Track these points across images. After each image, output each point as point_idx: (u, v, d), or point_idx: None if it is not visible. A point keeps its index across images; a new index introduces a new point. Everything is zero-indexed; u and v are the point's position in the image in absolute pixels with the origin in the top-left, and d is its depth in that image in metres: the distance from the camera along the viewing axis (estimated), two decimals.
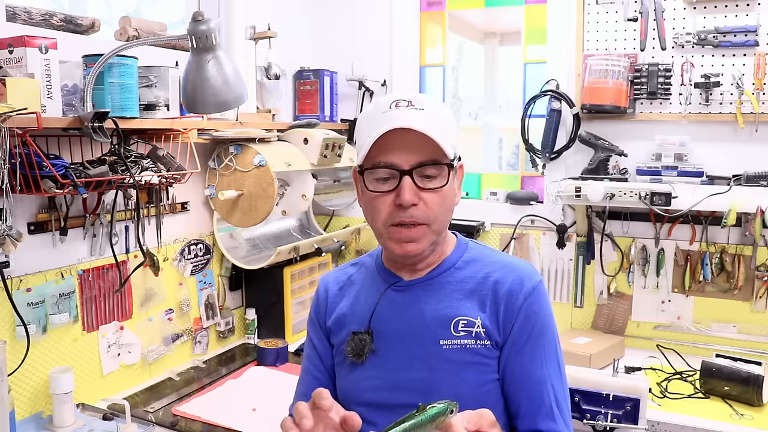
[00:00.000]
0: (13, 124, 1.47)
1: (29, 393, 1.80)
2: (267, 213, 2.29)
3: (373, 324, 1.22)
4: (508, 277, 1.19)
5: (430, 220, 1.15)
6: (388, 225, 1.15)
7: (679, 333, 2.41)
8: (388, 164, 1.12)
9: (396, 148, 1.12)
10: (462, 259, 1.24)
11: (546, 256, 2.59)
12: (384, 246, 1.22)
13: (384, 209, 1.15)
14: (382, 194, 1.14)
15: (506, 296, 1.17)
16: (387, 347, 1.21)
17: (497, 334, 1.17)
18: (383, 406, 1.19)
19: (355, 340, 1.22)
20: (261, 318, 2.57)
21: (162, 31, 2.18)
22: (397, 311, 1.22)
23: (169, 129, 1.99)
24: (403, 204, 1.11)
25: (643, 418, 1.71)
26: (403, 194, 1.11)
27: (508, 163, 3.10)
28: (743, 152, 2.26)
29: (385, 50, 2.86)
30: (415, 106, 1.13)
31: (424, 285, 1.22)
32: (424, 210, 1.13)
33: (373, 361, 1.21)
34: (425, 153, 1.12)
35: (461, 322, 1.17)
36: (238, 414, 1.89)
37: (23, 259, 1.74)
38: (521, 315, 1.16)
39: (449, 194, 1.17)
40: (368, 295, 1.27)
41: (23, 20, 1.78)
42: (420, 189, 1.13)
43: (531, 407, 1.16)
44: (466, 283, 1.21)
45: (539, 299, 1.19)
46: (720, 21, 2.24)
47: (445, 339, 1.17)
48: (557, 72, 2.51)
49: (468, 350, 1.16)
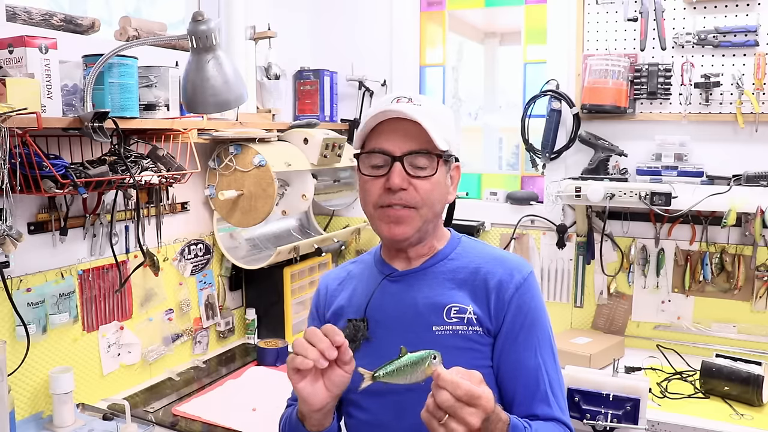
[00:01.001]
0: (13, 124, 1.47)
1: (29, 393, 1.80)
2: (267, 213, 2.29)
3: (369, 313, 1.26)
4: (498, 269, 1.23)
5: (418, 205, 1.19)
6: (378, 207, 1.21)
7: (679, 333, 2.41)
8: (381, 150, 1.19)
9: (390, 135, 1.19)
10: (455, 251, 1.30)
11: (546, 256, 2.59)
12: (374, 228, 1.26)
13: (375, 192, 1.21)
14: (374, 178, 1.21)
15: (497, 287, 1.21)
16: (381, 335, 1.25)
17: (489, 322, 1.21)
18: (378, 392, 1.20)
19: (349, 327, 1.26)
20: (261, 318, 2.57)
21: (162, 31, 2.18)
22: (392, 300, 1.26)
23: (169, 129, 1.99)
24: (392, 187, 1.17)
25: (643, 418, 1.71)
26: (392, 178, 1.17)
27: (508, 163, 3.10)
28: (743, 152, 2.26)
29: (385, 50, 2.86)
30: (415, 102, 1.20)
31: (417, 275, 1.27)
32: (413, 194, 1.19)
33: (368, 349, 1.24)
34: (417, 142, 1.18)
35: (453, 309, 1.21)
36: (238, 414, 1.89)
37: (23, 259, 1.74)
38: (513, 306, 1.20)
39: (439, 185, 1.22)
40: (365, 286, 1.31)
41: (23, 20, 1.78)
42: (410, 176, 1.18)
43: (526, 394, 1.19)
44: (458, 273, 1.25)
45: (530, 290, 1.22)
46: (720, 21, 2.24)
47: (437, 325, 1.21)
48: (557, 72, 2.51)
49: (460, 336, 1.19)
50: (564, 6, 2.48)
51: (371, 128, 1.21)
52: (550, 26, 2.54)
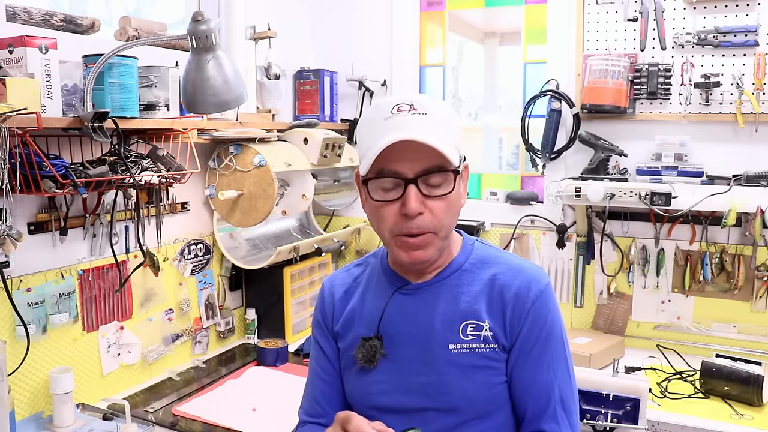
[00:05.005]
0: (13, 124, 1.47)
1: (29, 393, 1.80)
2: (267, 213, 2.29)
3: (382, 328, 1.21)
4: (515, 280, 1.18)
5: (436, 229, 1.13)
6: (395, 234, 1.14)
7: (679, 333, 2.41)
8: (393, 172, 1.10)
9: (400, 156, 1.09)
10: (469, 260, 1.23)
11: (546, 256, 2.59)
12: (391, 253, 1.21)
13: (390, 218, 1.13)
14: (388, 203, 1.12)
15: (513, 300, 1.17)
16: (396, 351, 1.20)
17: (504, 338, 1.17)
18: (394, 409, 1.19)
19: (366, 347, 1.21)
20: (261, 318, 2.57)
21: (162, 31, 2.18)
22: (406, 315, 1.21)
23: (169, 129, 1.99)
24: (409, 214, 1.10)
25: (643, 418, 1.71)
26: (408, 204, 1.09)
27: (508, 163, 3.10)
28: (743, 152, 2.26)
29: (385, 50, 2.86)
30: (418, 110, 1.10)
31: (432, 288, 1.21)
32: (431, 219, 1.12)
33: (383, 365, 1.21)
34: (430, 160, 1.09)
35: (470, 326, 1.17)
36: (238, 414, 1.89)
37: (23, 259, 1.74)
38: (529, 319, 1.16)
39: (455, 200, 1.15)
40: (375, 297, 1.26)
41: (23, 20, 1.78)
42: (425, 197, 1.11)
43: (536, 410, 1.16)
44: (473, 285, 1.20)
45: (547, 303, 1.18)
46: (720, 21, 2.24)
47: (453, 343, 1.16)
48: (557, 72, 2.51)
49: (476, 354, 1.16)
50: (564, 6, 2.48)
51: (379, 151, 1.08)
52: (550, 26, 2.54)
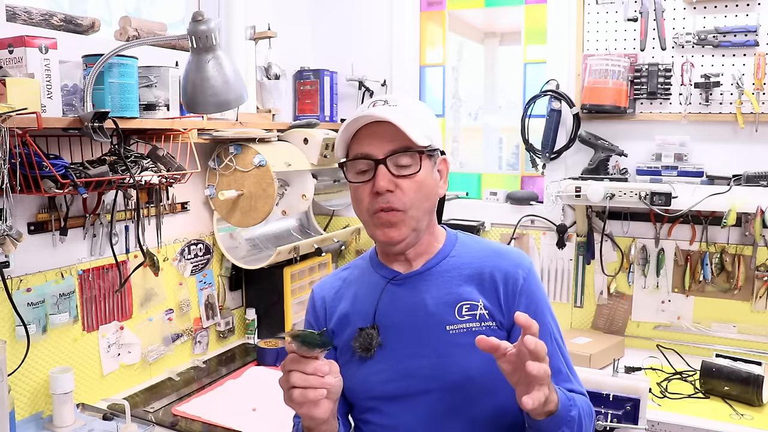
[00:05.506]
0: (13, 124, 1.47)
1: (29, 393, 1.80)
2: (267, 213, 2.29)
3: (378, 319, 1.25)
4: (502, 262, 1.26)
5: (406, 207, 1.20)
6: (371, 213, 1.22)
7: (679, 333, 2.41)
8: (364, 155, 1.21)
9: (370, 139, 1.20)
10: (454, 248, 1.30)
11: (546, 256, 2.59)
12: (370, 234, 1.27)
13: (365, 198, 1.22)
14: (362, 184, 1.22)
15: (504, 280, 1.23)
16: (394, 340, 1.24)
17: (501, 315, 1.22)
18: (396, 396, 1.22)
19: (362, 336, 1.25)
20: (261, 318, 2.57)
21: (162, 31, 2.18)
22: (400, 304, 1.26)
23: (169, 129, 1.99)
24: (379, 191, 1.18)
25: (643, 418, 1.71)
26: (378, 181, 1.18)
27: (508, 163, 3.10)
28: (743, 152, 2.26)
29: (385, 50, 2.86)
30: (390, 103, 1.22)
31: (423, 276, 1.27)
32: (400, 196, 1.19)
33: (381, 355, 1.24)
34: (398, 142, 1.19)
35: (464, 307, 1.22)
36: (238, 414, 1.89)
37: (23, 259, 1.74)
38: (524, 297, 1.22)
39: (426, 182, 1.22)
40: (367, 291, 1.30)
41: (23, 20, 1.78)
42: (395, 176, 1.19)
43: None
44: (462, 269, 1.26)
45: (535, 279, 1.26)
46: (720, 21, 2.24)
47: (450, 324, 1.21)
48: (557, 72, 2.51)
49: (474, 333, 1.19)
50: (564, 6, 2.48)
51: (352, 136, 1.23)
52: (550, 26, 2.54)
